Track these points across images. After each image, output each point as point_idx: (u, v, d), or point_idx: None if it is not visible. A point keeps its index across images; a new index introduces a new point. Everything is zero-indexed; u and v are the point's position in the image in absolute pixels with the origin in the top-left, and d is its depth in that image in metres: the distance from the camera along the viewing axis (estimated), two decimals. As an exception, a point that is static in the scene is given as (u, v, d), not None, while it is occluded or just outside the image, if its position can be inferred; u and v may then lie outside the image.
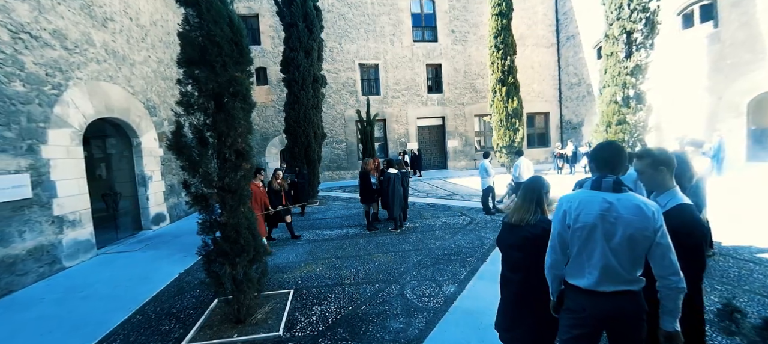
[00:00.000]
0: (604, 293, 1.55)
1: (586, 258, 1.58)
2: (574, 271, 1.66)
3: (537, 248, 2.12)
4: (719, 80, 11.25)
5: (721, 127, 11.34)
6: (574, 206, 1.63)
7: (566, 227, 1.65)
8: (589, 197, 1.62)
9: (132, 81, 7.39)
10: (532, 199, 2.22)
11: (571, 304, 1.68)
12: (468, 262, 4.81)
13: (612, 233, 1.52)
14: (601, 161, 1.69)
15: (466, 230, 6.48)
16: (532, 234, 2.14)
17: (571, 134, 18.11)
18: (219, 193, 3.09)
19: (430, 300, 3.69)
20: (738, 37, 10.47)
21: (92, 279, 5.01)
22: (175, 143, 3.06)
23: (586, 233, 1.57)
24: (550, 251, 1.76)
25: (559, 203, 1.75)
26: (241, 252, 3.17)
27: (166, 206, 8.48)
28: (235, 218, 3.13)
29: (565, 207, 1.67)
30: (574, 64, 17.67)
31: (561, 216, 1.68)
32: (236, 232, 3.14)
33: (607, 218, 1.52)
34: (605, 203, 1.55)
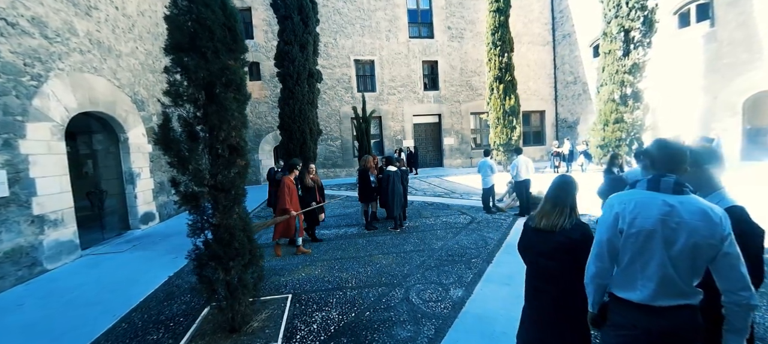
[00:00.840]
0: (659, 308, 1.36)
1: (641, 268, 1.39)
2: (623, 283, 1.47)
3: (575, 257, 1.92)
4: (715, 80, 11.28)
5: (716, 126, 11.38)
6: (628, 209, 1.43)
7: (618, 232, 1.45)
8: (646, 198, 1.42)
9: (118, 73, 7.04)
10: (564, 202, 2.02)
11: (619, 320, 1.49)
12: (473, 264, 4.63)
13: (673, 241, 1.33)
14: (661, 159, 1.50)
15: (468, 230, 6.32)
16: (569, 240, 1.93)
17: (567, 132, 18.12)
18: (211, 192, 2.85)
19: (438, 305, 3.50)
20: (735, 36, 10.50)
21: (75, 282, 4.71)
22: (162, 137, 2.80)
23: (643, 239, 1.38)
24: (594, 258, 1.56)
25: (608, 204, 1.55)
26: (236, 256, 2.93)
27: (156, 205, 8.15)
28: (229, 219, 2.89)
29: (617, 209, 1.47)
30: (569, 63, 17.66)
31: (612, 220, 1.48)
32: (230, 234, 2.90)
33: (668, 224, 1.34)
34: (666, 206, 1.36)
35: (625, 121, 11.63)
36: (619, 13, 10.98)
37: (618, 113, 11.62)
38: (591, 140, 12.91)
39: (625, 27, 10.93)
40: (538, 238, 2.09)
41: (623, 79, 11.30)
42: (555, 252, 1.98)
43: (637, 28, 10.91)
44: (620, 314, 1.48)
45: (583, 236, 1.92)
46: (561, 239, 1.95)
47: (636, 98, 11.43)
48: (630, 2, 10.71)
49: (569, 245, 1.93)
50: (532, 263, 2.16)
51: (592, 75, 16.18)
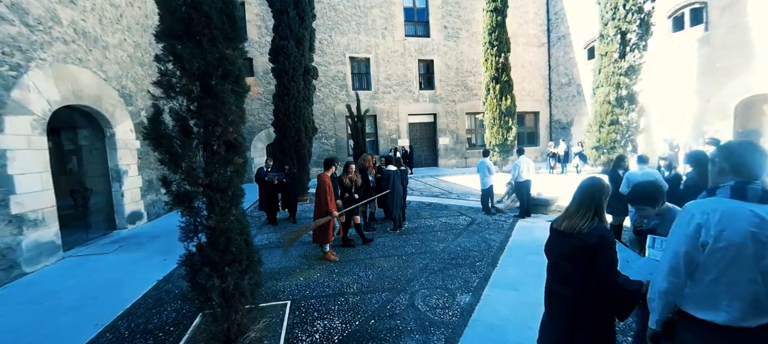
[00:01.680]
0: (749, 329, 1.21)
1: (727, 287, 1.24)
2: (703, 302, 1.31)
3: (589, 260, 1.80)
4: (708, 83, 11.39)
5: (708, 129, 11.48)
6: (714, 220, 1.27)
7: (699, 246, 1.29)
8: (732, 208, 1.27)
9: (105, 66, 6.69)
10: (589, 205, 1.88)
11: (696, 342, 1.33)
12: (478, 267, 4.49)
13: (762, 255, 1.18)
14: (747, 165, 1.34)
15: (468, 232, 6.19)
16: (585, 244, 1.81)
17: (561, 133, 18.20)
18: (206, 192, 2.63)
19: (445, 313, 3.34)
20: (728, 40, 10.60)
21: (56, 286, 4.41)
22: (152, 132, 2.57)
23: (732, 254, 1.22)
24: (668, 272, 1.39)
25: (687, 214, 1.37)
26: (232, 262, 2.72)
27: (144, 204, 7.81)
28: (226, 221, 2.67)
29: (699, 220, 1.31)
30: (564, 64, 17.73)
31: (693, 232, 1.32)
32: (227, 238, 2.68)
33: (759, 237, 1.18)
34: (755, 218, 1.21)
35: (620, 123, 11.67)
36: (616, 16, 11.00)
37: (613, 115, 11.65)
38: (586, 141, 12.94)
39: (622, 29, 10.95)
40: (558, 240, 1.97)
41: (619, 82, 11.33)
42: (572, 255, 1.86)
43: (634, 31, 10.94)
44: (699, 336, 1.32)
45: (600, 240, 1.78)
46: (577, 243, 1.83)
47: (631, 100, 11.48)
48: (627, 5, 10.73)
49: (584, 248, 1.81)
50: (552, 265, 2.04)
51: (586, 77, 16.26)
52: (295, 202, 7.55)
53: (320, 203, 4.79)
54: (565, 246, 1.90)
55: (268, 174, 6.75)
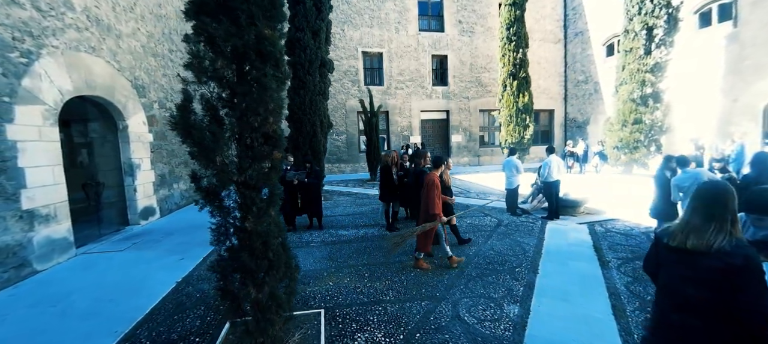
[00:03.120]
0: None
1: None
2: None
3: (735, 287, 1.47)
4: (735, 82, 10.93)
5: (734, 130, 11.03)
6: None
7: None
8: None
9: (118, 55, 6.42)
10: (723, 216, 1.54)
11: None
12: (518, 274, 4.18)
13: None
14: None
15: (498, 234, 5.87)
16: (725, 265, 1.47)
17: (576, 132, 17.77)
18: (240, 190, 2.33)
19: (496, 326, 3.03)
20: (759, 37, 10.13)
21: (70, 286, 4.15)
22: (181, 122, 2.28)
23: None
24: None
25: None
26: (270, 269, 2.43)
27: (156, 199, 7.56)
28: (265, 224, 2.37)
29: None
30: (581, 62, 17.26)
31: None
32: (264, 243, 2.39)
33: None
34: None
35: (644, 122, 11.27)
36: (643, 10, 10.57)
37: (637, 114, 11.25)
38: (607, 140, 12.53)
39: (649, 24, 10.52)
40: (681, 260, 1.61)
41: (644, 79, 10.91)
42: (705, 279, 1.52)
43: (661, 26, 10.51)
44: None
45: (746, 260, 1.45)
46: (715, 264, 1.49)
47: (656, 98, 11.06)
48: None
49: (726, 272, 1.46)
50: (672, 292, 1.68)
51: (604, 74, 15.81)
52: (320, 205, 6.60)
53: (427, 206, 4.25)
54: (692, 268, 1.56)
55: (288, 173, 6.30)
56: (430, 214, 4.19)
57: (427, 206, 4.22)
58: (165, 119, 8.06)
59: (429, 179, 4.29)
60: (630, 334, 2.88)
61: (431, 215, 4.19)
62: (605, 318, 3.16)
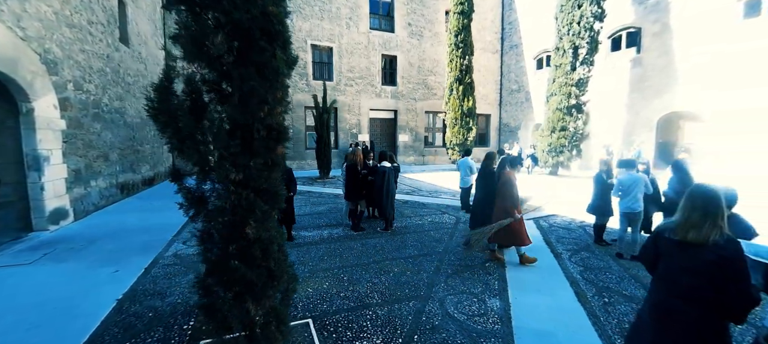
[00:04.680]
0: None
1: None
2: None
3: (727, 276, 1.72)
4: (637, 99, 13.05)
5: (636, 139, 13.21)
6: None
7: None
8: None
9: (23, 20, 5.16)
10: (716, 213, 1.79)
11: None
12: (488, 268, 4.40)
13: None
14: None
15: (459, 231, 6.11)
16: (719, 257, 1.72)
17: (509, 136, 19.50)
18: (239, 191, 2.02)
19: (485, 320, 3.15)
20: (656, 63, 12.24)
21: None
22: (160, 105, 1.93)
23: None
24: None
25: None
26: (272, 280, 2.16)
27: (69, 199, 6.29)
28: (268, 230, 2.10)
29: None
30: (515, 72, 18.96)
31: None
32: (264, 251, 2.11)
33: None
34: None
35: (568, 129, 12.79)
36: (572, 31, 11.99)
37: (564, 122, 12.73)
38: (538, 144, 13.96)
39: (576, 44, 11.98)
40: (681, 252, 1.84)
41: (570, 92, 12.39)
42: (702, 269, 1.76)
43: (584, 47, 12.03)
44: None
45: (736, 253, 1.72)
46: (710, 256, 1.73)
47: (579, 109, 12.65)
48: (581, 23, 11.75)
49: (720, 262, 1.72)
50: (672, 279, 1.90)
51: (534, 85, 17.61)
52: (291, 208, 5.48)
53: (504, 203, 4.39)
54: (691, 258, 1.78)
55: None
56: (508, 210, 4.37)
57: (503, 202, 4.42)
58: (81, 104, 6.76)
59: (506, 177, 4.49)
60: (596, 317, 3.22)
61: (508, 211, 4.37)
62: (573, 304, 3.49)
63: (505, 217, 4.38)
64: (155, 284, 3.83)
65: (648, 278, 4.06)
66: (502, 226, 4.37)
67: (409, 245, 5.28)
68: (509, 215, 4.36)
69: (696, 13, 10.99)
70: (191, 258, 4.63)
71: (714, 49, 10.59)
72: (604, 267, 4.48)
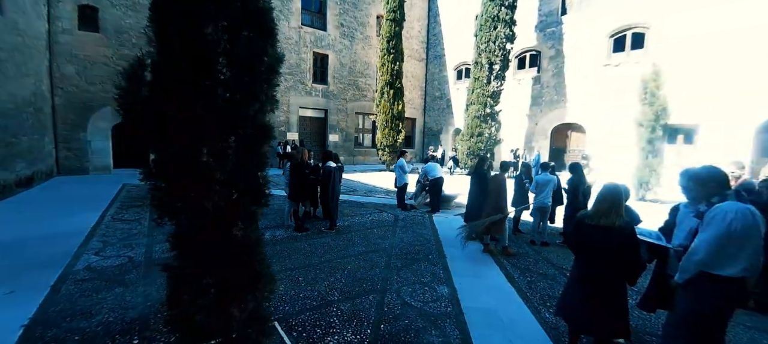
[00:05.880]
0: (742, 278, 2.01)
1: (742, 255, 1.99)
2: (725, 265, 2.01)
3: (626, 250, 2.35)
4: (536, 111, 15.43)
5: (535, 145, 15.62)
6: (739, 216, 1.96)
7: (731, 231, 1.95)
8: (742, 208, 1.99)
9: None
10: (620, 205, 2.43)
11: None
12: (432, 260, 4.85)
13: (756, 235, 1.98)
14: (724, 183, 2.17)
15: (400, 228, 6.51)
16: (621, 235, 2.35)
17: (432, 140, 21.00)
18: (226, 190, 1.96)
19: (439, 305, 3.52)
20: (551, 82, 14.67)
21: None
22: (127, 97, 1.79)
23: (747, 236, 1.98)
24: (709, 251, 1.97)
25: (722, 212, 1.94)
26: (257, 282, 2.13)
27: None
28: (255, 231, 2.07)
29: (732, 216, 1.95)
30: (438, 80, 20.53)
31: (728, 222, 1.95)
32: (250, 252, 2.08)
33: (757, 224, 1.98)
34: (752, 213, 2.00)
35: (484, 135, 14.45)
36: (488, 49, 13.58)
37: (481, 128, 14.33)
38: (459, 147, 15.41)
39: (491, 60, 13.61)
40: (596, 233, 2.43)
41: (486, 102, 14.02)
42: (611, 245, 2.37)
43: (498, 63, 13.75)
44: (716, 286, 2.00)
45: (632, 233, 2.38)
46: (616, 236, 2.36)
47: (493, 118, 14.38)
48: (496, 42, 13.40)
49: (623, 239, 2.35)
50: (589, 254, 2.50)
51: (454, 94, 19.35)
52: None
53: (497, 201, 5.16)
54: (604, 238, 2.38)
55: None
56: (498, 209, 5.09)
57: (495, 201, 5.15)
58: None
59: (499, 181, 5.22)
60: (523, 293, 3.87)
61: (498, 210, 5.09)
62: (505, 284, 4.12)
63: (495, 213, 5.07)
64: (73, 303, 3.27)
65: (557, 259, 5.01)
66: (493, 221, 5.01)
67: (357, 244, 5.45)
68: (500, 212, 5.08)
69: (580, 43, 13.53)
70: (112, 270, 4.04)
71: (592, 74, 13.19)
72: (522, 252, 5.32)
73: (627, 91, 11.84)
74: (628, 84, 11.78)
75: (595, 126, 13.24)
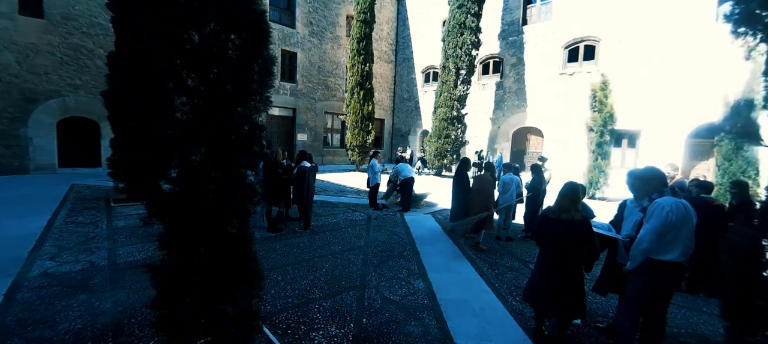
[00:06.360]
0: (680, 262, 2.36)
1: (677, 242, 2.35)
2: (664, 251, 2.37)
3: (583, 241, 2.68)
4: (499, 115, 16.28)
5: (498, 147, 16.47)
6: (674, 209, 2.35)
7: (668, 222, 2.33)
8: (677, 202, 2.37)
9: None
10: (578, 200, 2.75)
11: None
12: (407, 256, 5.05)
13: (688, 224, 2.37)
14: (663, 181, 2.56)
15: (373, 227, 6.65)
16: (580, 227, 2.67)
17: (400, 141, 21.37)
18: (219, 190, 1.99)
19: (416, 298, 3.72)
20: (512, 87, 15.55)
21: None
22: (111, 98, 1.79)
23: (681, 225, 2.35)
24: (652, 240, 2.32)
25: (659, 206, 2.33)
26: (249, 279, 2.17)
27: None
28: (248, 228, 2.11)
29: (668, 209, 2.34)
30: (407, 82, 20.94)
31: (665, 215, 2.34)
32: (243, 251, 2.12)
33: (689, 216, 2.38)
34: (684, 206, 2.37)
35: (451, 137, 14.99)
36: (455, 54, 14.12)
37: (448, 130, 14.85)
38: (427, 148, 15.86)
39: (458, 66, 14.16)
40: (558, 226, 2.74)
41: (453, 105, 14.57)
42: (571, 236, 2.69)
43: (464, 69, 14.34)
44: (659, 268, 2.35)
45: (588, 227, 2.71)
46: (576, 229, 2.68)
47: (460, 120, 14.97)
48: (462, 48, 13.97)
49: (580, 229, 2.68)
50: (551, 244, 2.80)
51: (422, 96, 19.87)
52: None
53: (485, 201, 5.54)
54: (565, 230, 2.69)
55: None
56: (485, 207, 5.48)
57: (485, 200, 5.53)
58: None
59: (487, 180, 5.67)
60: (492, 284, 4.17)
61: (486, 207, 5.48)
62: (475, 277, 4.41)
63: (482, 211, 5.43)
64: (32, 311, 3.05)
65: (520, 253, 5.42)
66: (481, 218, 5.37)
67: (332, 243, 5.52)
68: (486, 209, 5.45)
69: (539, 52, 14.48)
70: (73, 276, 3.80)
71: (549, 82, 14.18)
72: (489, 247, 5.68)
73: (580, 98, 12.88)
74: (581, 92, 12.83)
75: (552, 130, 14.25)
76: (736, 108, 3.78)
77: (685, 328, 3.35)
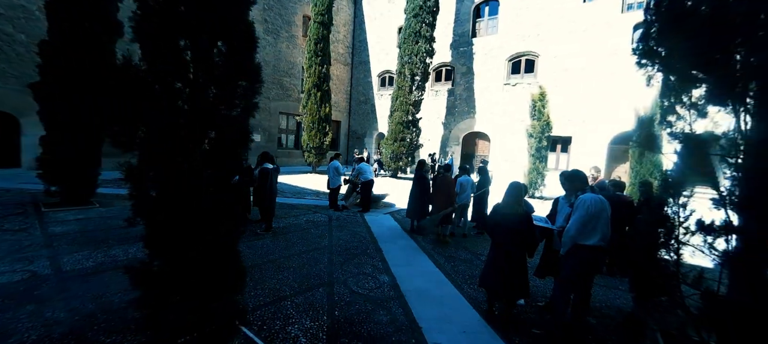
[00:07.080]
0: (601, 246, 2.84)
1: (597, 229, 2.86)
2: (587, 237, 2.88)
3: (525, 231, 3.18)
4: (451, 120, 17.29)
5: (449, 150, 17.47)
6: (594, 203, 2.89)
7: (590, 213, 2.85)
8: (596, 197, 2.93)
9: None
10: (521, 196, 3.25)
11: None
12: (371, 254, 5.32)
13: (604, 215, 2.90)
14: (585, 181, 3.08)
15: (336, 228, 6.82)
16: (522, 219, 3.17)
17: (356, 143, 21.61)
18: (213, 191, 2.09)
19: (382, 290, 4.00)
20: (463, 95, 16.61)
21: None
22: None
23: (599, 215, 2.90)
24: (579, 228, 2.84)
25: (582, 201, 2.86)
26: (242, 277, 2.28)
27: None
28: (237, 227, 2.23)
29: (589, 203, 2.88)
30: (363, 85, 21.26)
31: (587, 207, 2.87)
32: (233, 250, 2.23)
33: (604, 208, 2.90)
34: (601, 201, 2.91)
35: (406, 140, 15.60)
36: (411, 61, 14.74)
37: (403, 134, 15.43)
38: (384, 151, 16.30)
39: (413, 72, 14.80)
40: (505, 218, 3.21)
41: (408, 109, 15.18)
42: (515, 227, 3.18)
43: (418, 75, 15.03)
44: (584, 252, 2.88)
45: (529, 219, 3.23)
46: (519, 219, 3.18)
47: (415, 124, 15.62)
48: (418, 55, 14.64)
49: (523, 221, 3.18)
50: (500, 233, 3.26)
51: (378, 100, 20.32)
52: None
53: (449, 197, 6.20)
54: (511, 222, 3.16)
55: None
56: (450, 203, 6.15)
57: (448, 197, 6.16)
58: None
59: (449, 179, 6.35)
60: (450, 275, 4.61)
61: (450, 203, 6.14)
62: (434, 270, 4.82)
63: (445, 207, 6.07)
64: None
65: (473, 246, 5.98)
66: (446, 213, 5.98)
67: (296, 244, 5.60)
68: (450, 205, 6.10)
69: (486, 63, 15.67)
70: (13, 287, 3.48)
71: (495, 91, 15.41)
72: (446, 242, 6.16)
73: (521, 107, 14.22)
74: (523, 101, 14.17)
75: (497, 135, 15.51)
76: (640, 122, 4.64)
77: (605, 302, 4.05)
